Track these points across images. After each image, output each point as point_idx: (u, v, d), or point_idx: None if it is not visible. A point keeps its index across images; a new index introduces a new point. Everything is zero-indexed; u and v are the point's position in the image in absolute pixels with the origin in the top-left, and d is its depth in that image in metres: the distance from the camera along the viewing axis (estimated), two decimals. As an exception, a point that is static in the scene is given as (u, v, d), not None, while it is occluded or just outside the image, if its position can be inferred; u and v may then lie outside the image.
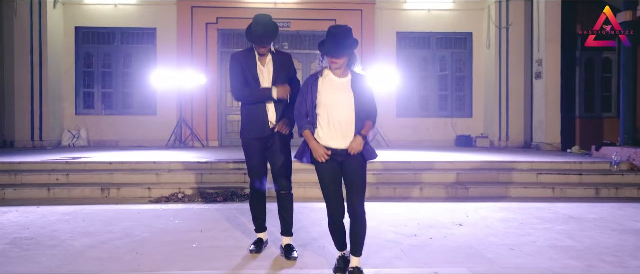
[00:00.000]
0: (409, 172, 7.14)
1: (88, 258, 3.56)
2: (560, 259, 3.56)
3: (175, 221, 4.77)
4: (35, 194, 6.24)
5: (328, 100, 3.03)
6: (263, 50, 3.53)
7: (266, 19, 3.50)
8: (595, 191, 6.65)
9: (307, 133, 3.07)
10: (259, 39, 3.45)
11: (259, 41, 3.46)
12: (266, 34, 3.45)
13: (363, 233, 3.08)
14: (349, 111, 3.03)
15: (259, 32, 3.44)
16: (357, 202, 3.05)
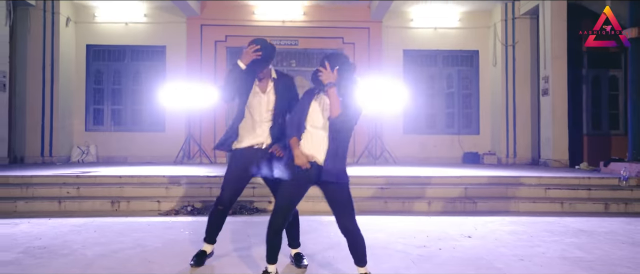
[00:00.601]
0: (416, 187, 7.15)
1: (100, 266, 3.60)
2: (571, 270, 3.56)
3: (185, 232, 4.80)
4: (46, 206, 6.31)
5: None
6: (261, 75, 3.44)
7: (263, 42, 3.39)
8: (604, 205, 6.63)
9: (294, 140, 3.10)
10: (258, 63, 3.33)
11: (257, 65, 3.34)
12: (264, 57, 3.34)
13: (363, 245, 3.09)
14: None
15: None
16: (349, 222, 3.06)
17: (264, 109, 3.45)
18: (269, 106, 3.45)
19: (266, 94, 3.46)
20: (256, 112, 3.44)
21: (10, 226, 5.07)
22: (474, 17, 12.79)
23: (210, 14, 12.30)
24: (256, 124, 3.45)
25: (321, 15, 12.35)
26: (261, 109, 3.44)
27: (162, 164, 10.98)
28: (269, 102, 3.45)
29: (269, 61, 3.41)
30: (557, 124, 10.82)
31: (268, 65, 3.44)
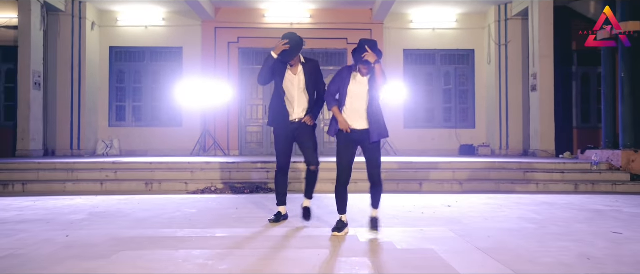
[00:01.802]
0: (410, 170, 8.10)
1: (153, 222, 4.59)
2: (521, 223, 4.51)
3: (213, 204, 5.80)
4: (91, 187, 7.34)
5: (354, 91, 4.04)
6: (292, 62, 4.39)
7: (292, 35, 4.39)
8: (574, 186, 7.55)
9: (335, 109, 4.07)
10: (287, 53, 4.31)
11: (286, 55, 4.32)
12: (292, 48, 4.33)
13: (381, 193, 4.11)
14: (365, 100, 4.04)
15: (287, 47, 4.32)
16: (376, 174, 4.09)
17: (296, 89, 4.40)
18: (300, 85, 4.41)
19: (297, 76, 4.41)
20: (289, 92, 4.40)
21: (69, 199, 6.09)
22: (470, 19, 13.67)
23: (224, 18, 13.27)
24: (291, 101, 4.43)
25: (326, 17, 13.28)
26: (293, 89, 4.40)
27: (179, 156, 11.94)
28: (300, 82, 4.41)
29: (297, 51, 4.35)
30: (545, 118, 11.71)
31: (297, 54, 4.37)
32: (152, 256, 3.30)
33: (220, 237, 3.94)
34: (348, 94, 4.03)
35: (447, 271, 2.95)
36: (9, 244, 3.67)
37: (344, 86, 4.05)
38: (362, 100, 4.01)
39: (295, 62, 4.44)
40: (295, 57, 4.41)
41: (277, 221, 4.58)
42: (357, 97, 4.03)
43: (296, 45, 4.40)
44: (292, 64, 4.43)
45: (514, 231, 4.17)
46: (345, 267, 3.04)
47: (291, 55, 4.36)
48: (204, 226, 4.43)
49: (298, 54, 4.42)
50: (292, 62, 4.42)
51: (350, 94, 4.03)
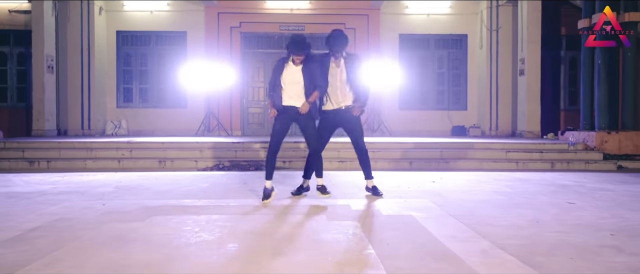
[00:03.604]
0: (400, 150, 8.80)
1: (173, 194, 5.29)
2: (493, 195, 5.22)
3: (223, 179, 6.50)
4: (109, 164, 8.03)
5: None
6: (337, 55, 5.00)
7: (337, 34, 5.03)
8: (550, 164, 8.27)
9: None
10: (333, 47, 4.98)
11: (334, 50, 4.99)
12: (336, 43, 4.99)
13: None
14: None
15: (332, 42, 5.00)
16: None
17: (338, 80, 5.03)
18: (342, 76, 5.03)
19: (339, 67, 5.05)
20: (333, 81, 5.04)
21: (92, 175, 6.79)
22: (463, 4, 14.19)
23: (226, 3, 13.75)
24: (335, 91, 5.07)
25: (325, 3, 13.77)
26: (335, 81, 5.02)
27: (184, 136, 12.57)
28: (342, 73, 5.05)
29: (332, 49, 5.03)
30: (531, 101, 12.37)
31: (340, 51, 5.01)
32: (179, 219, 4.00)
33: (234, 206, 4.64)
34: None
35: (421, 231, 3.65)
36: (57, 210, 4.36)
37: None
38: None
39: (338, 56, 5.05)
40: (337, 54, 5.03)
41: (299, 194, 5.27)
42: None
43: (343, 40, 5.07)
44: (336, 57, 5.05)
45: (485, 202, 4.88)
46: (337, 228, 3.74)
47: (341, 48, 5.04)
48: (218, 197, 5.13)
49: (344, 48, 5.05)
50: (335, 57, 5.04)
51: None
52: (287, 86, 4.89)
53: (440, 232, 3.59)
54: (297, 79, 4.84)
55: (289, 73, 4.85)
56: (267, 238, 3.46)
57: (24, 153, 8.37)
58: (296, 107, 4.89)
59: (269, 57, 13.74)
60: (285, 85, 4.90)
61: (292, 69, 4.85)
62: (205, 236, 3.45)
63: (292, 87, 4.87)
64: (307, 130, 4.97)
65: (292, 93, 4.87)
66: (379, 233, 3.58)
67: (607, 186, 6.08)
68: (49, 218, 4.03)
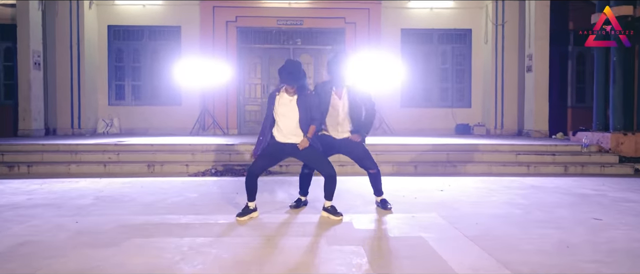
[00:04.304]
0: (405, 153, 8.32)
1: (158, 207, 4.81)
2: (508, 209, 4.75)
3: (214, 188, 6.01)
4: (94, 169, 7.55)
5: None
6: (335, 90, 4.52)
7: (338, 60, 4.51)
8: (564, 168, 7.79)
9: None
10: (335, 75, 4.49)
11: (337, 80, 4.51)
12: (338, 70, 4.50)
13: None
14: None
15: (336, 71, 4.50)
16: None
17: (341, 111, 4.57)
18: (345, 108, 4.58)
19: (342, 99, 4.57)
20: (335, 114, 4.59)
21: (74, 182, 6.31)
22: (468, -2, 13.71)
23: (222, -3, 13.28)
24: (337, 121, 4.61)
25: (324, -4, 13.30)
26: (339, 111, 4.57)
27: (179, 135, 12.12)
28: (344, 106, 4.58)
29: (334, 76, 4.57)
30: (539, 98, 11.89)
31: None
32: (159, 243, 3.52)
33: (222, 224, 4.16)
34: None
35: (434, 260, 3.18)
36: (24, 230, 3.88)
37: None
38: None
39: (338, 88, 4.59)
40: (338, 85, 4.58)
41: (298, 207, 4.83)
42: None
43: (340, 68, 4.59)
44: (339, 87, 4.58)
45: (501, 218, 4.40)
46: (338, 255, 3.27)
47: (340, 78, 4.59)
48: (206, 211, 4.65)
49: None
50: (336, 90, 4.57)
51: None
52: (281, 119, 4.35)
53: (457, 260, 3.13)
54: (291, 112, 4.30)
55: (281, 105, 4.32)
56: (255, 270, 2.99)
57: (3, 157, 7.88)
58: (293, 143, 4.37)
59: (266, 53, 13.25)
60: (279, 119, 4.35)
61: (286, 100, 4.32)
62: (186, 269, 2.98)
63: (287, 122, 4.34)
64: (312, 160, 4.45)
65: (286, 130, 4.35)
66: (386, 264, 3.11)
67: (631, 195, 5.62)
68: (11, 241, 3.56)
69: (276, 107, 4.33)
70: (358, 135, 4.60)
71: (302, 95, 4.33)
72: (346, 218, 4.34)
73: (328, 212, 4.39)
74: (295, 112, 4.29)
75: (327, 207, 4.43)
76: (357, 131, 4.62)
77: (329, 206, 4.42)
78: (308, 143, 4.33)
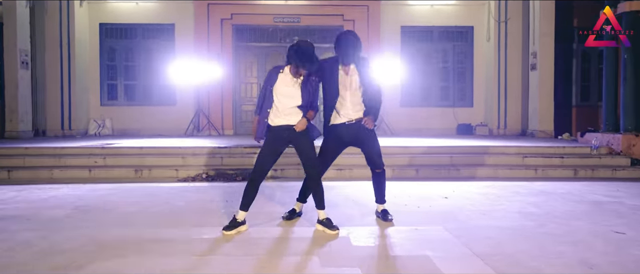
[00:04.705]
0: (405, 155, 7.94)
1: (139, 219, 4.43)
2: (519, 220, 4.37)
3: (203, 195, 5.63)
4: (79, 174, 7.16)
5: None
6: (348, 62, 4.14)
7: (349, 36, 4.14)
8: (573, 171, 7.41)
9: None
10: (345, 52, 4.10)
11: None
12: (349, 47, 4.10)
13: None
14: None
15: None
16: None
17: (348, 89, 4.17)
18: (354, 84, 4.18)
19: (349, 75, 4.18)
20: (344, 92, 4.20)
21: (54, 189, 5.92)
22: (469, -6, 13.33)
23: (217, -7, 12.89)
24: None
25: (322, -7, 12.91)
26: (346, 90, 4.17)
27: (173, 136, 11.75)
28: (352, 82, 4.18)
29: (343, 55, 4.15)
30: (544, 98, 11.51)
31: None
32: (127, 268, 3.13)
33: (206, 240, 3.78)
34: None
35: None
36: (-16, 248, 3.51)
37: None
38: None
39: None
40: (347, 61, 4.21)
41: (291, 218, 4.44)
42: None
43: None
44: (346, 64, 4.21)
45: (512, 230, 4.03)
46: (335, 278, 2.89)
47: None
48: (191, 223, 4.27)
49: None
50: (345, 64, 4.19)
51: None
52: (280, 99, 3.97)
53: (468, 285, 2.75)
54: (294, 93, 3.95)
55: (284, 84, 3.95)
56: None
57: (-17, 161, 7.49)
58: (291, 125, 3.99)
59: (263, 51, 12.87)
60: (279, 99, 3.98)
61: (289, 80, 3.96)
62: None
63: (287, 101, 3.96)
64: (306, 151, 4.05)
65: (286, 110, 3.97)
66: (388, 289, 2.73)
67: (648, 202, 5.24)
68: (-35, 264, 3.18)
69: (277, 87, 3.96)
70: (370, 118, 4.18)
71: (307, 79, 3.98)
72: (343, 232, 3.96)
73: (323, 225, 4.01)
74: (298, 95, 3.94)
75: (322, 220, 4.05)
76: (368, 113, 4.22)
77: (324, 219, 4.04)
78: (306, 124, 3.97)
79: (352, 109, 4.20)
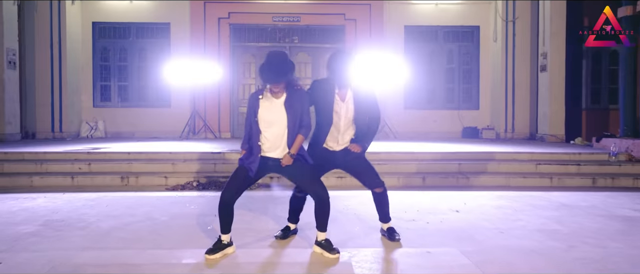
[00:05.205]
0: (411, 162, 7.44)
1: (114, 237, 3.94)
2: (544, 240, 3.86)
3: (191, 207, 5.14)
4: (60, 181, 6.67)
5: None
6: (339, 89, 3.67)
7: (342, 57, 3.66)
8: (592, 180, 6.91)
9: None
10: (338, 74, 3.62)
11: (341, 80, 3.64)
12: (342, 68, 3.63)
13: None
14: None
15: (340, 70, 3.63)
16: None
17: (343, 116, 3.71)
18: (348, 114, 3.71)
19: (345, 102, 3.70)
20: (336, 120, 3.73)
21: (29, 200, 5.43)
22: (475, -7, 12.86)
23: (214, -9, 12.43)
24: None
25: (323, -9, 12.45)
26: (341, 116, 3.71)
27: (168, 139, 11.31)
28: (348, 111, 3.71)
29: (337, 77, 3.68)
30: (554, 100, 11.03)
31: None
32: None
33: (187, 264, 3.29)
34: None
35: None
36: None
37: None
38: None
39: (342, 87, 3.74)
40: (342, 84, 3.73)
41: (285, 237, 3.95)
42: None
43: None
44: (343, 87, 3.73)
45: (538, 254, 3.52)
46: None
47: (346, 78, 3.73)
48: (172, 243, 3.78)
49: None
50: (340, 89, 3.72)
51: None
52: (267, 130, 3.45)
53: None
54: (277, 117, 3.43)
55: (266, 110, 3.43)
56: None
57: (-43, 167, 6.99)
58: (277, 158, 3.49)
59: (261, 51, 12.40)
60: (265, 129, 3.46)
61: (271, 103, 3.44)
62: None
63: (275, 131, 3.45)
64: (299, 177, 3.57)
65: (273, 140, 3.46)
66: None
67: (682, 217, 4.73)
68: None
69: (261, 113, 3.44)
70: (358, 145, 3.73)
71: (291, 93, 3.44)
72: (344, 255, 3.47)
73: (322, 247, 3.51)
74: (284, 118, 3.42)
75: (320, 241, 3.54)
76: (358, 140, 3.75)
77: (323, 240, 3.53)
78: (291, 160, 3.45)
79: (342, 140, 3.74)
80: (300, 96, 3.48)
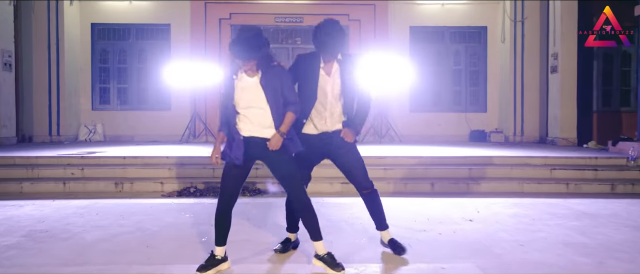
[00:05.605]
0: (418, 167, 7.11)
1: (99, 250, 3.63)
2: (570, 255, 3.52)
3: (186, 215, 4.83)
4: (52, 187, 6.39)
5: None
6: (329, 57, 3.36)
7: (330, 26, 3.33)
8: (610, 186, 6.57)
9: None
10: (325, 45, 3.30)
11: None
12: (329, 39, 3.29)
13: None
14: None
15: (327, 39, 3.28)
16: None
17: (329, 91, 3.39)
18: (335, 87, 3.39)
19: (331, 75, 3.39)
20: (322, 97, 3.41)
21: (16, 208, 5.14)
22: (483, -8, 12.54)
23: (215, -8, 12.18)
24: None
25: (326, -9, 12.17)
26: (327, 92, 3.39)
27: (168, 142, 11.05)
28: (334, 83, 3.40)
29: (323, 48, 3.35)
30: (566, 102, 10.69)
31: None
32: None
33: (176, 281, 2.98)
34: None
35: None
36: None
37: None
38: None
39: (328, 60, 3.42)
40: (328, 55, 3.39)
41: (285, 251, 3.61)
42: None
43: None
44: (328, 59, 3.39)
45: (564, 271, 3.19)
46: None
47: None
48: (161, 258, 3.47)
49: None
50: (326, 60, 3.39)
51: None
52: (247, 112, 3.13)
53: None
54: (254, 97, 3.09)
55: (241, 90, 3.11)
56: None
57: (-57, 173, 6.70)
58: (263, 138, 3.16)
59: (263, 53, 12.08)
60: (241, 109, 3.14)
61: (246, 83, 3.11)
62: None
63: (251, 111, 3.12)
64: (281, 170, 3.20)
65: (257, 121, 3.12)
66: None
67: None
68: None
69: (237, 95, 3.10)
70: (350, 131, 3.39)
71: (267, 71, 3.10)
72: (350, 272, 3.14)
73: (324, 262, 3.17)
74: (262, 97, 3.08)
75: (321, 255, 3.20)
76: (349, 124, 3.42)
77: (325, 255, 3.19)
78: (280, 142, 3.11)
79: (330, 119, 3.40)
80: (278, 72, 3.13)
